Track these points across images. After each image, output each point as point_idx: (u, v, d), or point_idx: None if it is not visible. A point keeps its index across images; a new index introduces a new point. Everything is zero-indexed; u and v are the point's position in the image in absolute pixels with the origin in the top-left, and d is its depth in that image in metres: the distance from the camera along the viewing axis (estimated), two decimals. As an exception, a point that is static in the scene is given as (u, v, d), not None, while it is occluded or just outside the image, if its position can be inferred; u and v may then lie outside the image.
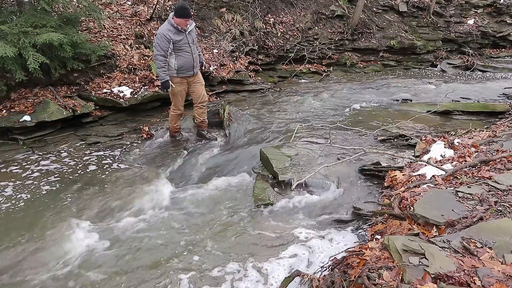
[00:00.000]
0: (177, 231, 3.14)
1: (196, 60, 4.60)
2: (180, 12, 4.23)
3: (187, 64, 4.52)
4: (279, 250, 2.83)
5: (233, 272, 2.63)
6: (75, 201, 3.70)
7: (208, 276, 2.60)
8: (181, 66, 4.49)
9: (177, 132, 5.15)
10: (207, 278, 2.58)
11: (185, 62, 4.49)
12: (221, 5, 8.56)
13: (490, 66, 9.80)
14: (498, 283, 1.61)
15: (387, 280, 1.76)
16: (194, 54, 4.54)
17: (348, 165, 3.85)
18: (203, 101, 4.88)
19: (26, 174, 4.28)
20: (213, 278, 2.57)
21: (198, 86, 4.78)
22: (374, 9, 10.59)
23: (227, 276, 2.59)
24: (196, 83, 4.76)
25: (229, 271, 2.64)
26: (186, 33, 4.38)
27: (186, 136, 5.19)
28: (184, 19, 4.24)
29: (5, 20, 4.91)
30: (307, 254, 2.75)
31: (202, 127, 5.11)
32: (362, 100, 6.99)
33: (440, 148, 3.64)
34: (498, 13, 11.59)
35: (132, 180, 4.14)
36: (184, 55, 4.45)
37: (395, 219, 2.60)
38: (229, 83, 7.10)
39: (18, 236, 3.16)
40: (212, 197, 3.68)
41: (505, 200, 2.36)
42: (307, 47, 9.04)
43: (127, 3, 7.66)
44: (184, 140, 5.12)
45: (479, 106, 5.86)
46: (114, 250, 2.95)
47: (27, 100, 5.26)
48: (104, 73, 6.08)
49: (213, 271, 2.64)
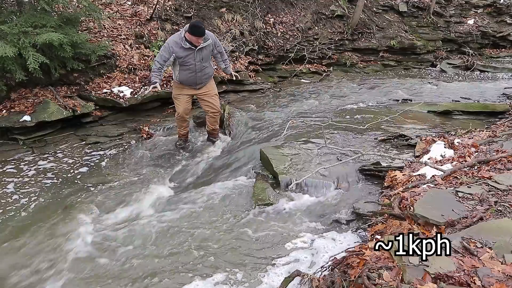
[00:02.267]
0: (176, 232, 3.14)
1: (200, 78, 4.41)
2: (192, 29, 4.07)
3: (189, 81, 4.38)
4: (279, 250, 2.82)
5: (233, 272, 2.63)
6: (74, 201, 3.70)
7: (208, 276, 2.60)
8: (182, 80, 4.37)
9: (182, 137, 4.98)
10: (207, 279, 2.58)
11: (187, 78, 4.36)
12: (221, 5, 8.56)
13: (490, 66, 9.79)
14: (498, 283, 1.61)
15: (387, 280, 1.76)
16: (199, 72, 4.35)
17: (348, 165, 3.85)
18: (214, 111, 4.72)
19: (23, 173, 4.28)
20: (213, 279, 2.57)
21: (206, 98, 4.62)
22: (374, 9, 10.59)
23: (227, 276, 2.59)
24: (204, 95, 4.60)
25: (229, 271, 2.64)
26: (195, 50, 4.18)
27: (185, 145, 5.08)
28: (195, 37, 4.10)
29: (5, 20, 4.90)
30: (307, 254, 2.75)
31: (214, 135, 5.00)
32: (362, 100, 6.99)
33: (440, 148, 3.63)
34: (498, 13, 11.58)
35: (131, 180, 4.14)
36: (187, 71, 4.30)
37: (395, 219, 2.59)
38: (229, 83, 7.10)
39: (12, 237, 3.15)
40: (212, 197, 3.67)
41: (505, 200, 2.36)
42: (307, 47, 9.04)
43: (127, 3, 7.66)
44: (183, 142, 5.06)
45: (479, 106, 5.86)
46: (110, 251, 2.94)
47: (27, 100, 5.26)
48: (104, 73, 6.08)
49: (213, 272, 2.64)
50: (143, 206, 3.62)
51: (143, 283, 2.57)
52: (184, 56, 4.19)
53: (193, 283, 2.54)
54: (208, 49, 4.33)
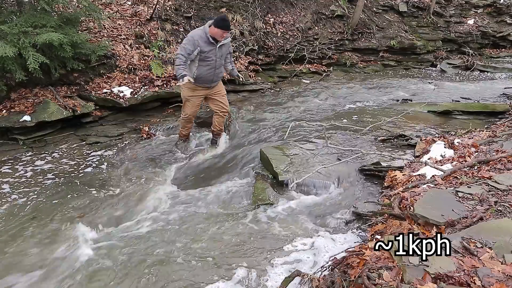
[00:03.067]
0: (176, 232, 3.13)
1: (217, 75, 4.42)
2: (220, 23, 4.05)
3: (206, 77, 4.33)
4: (279, 250, 2.82)
5: (233, 272, 2.63)
6: (73, 201, 3.69)
7: (208, 276, 2.60)
8: (200, 77, 4.29)
9: (183, 137, 4.96)
10: (207, 279, 2.58)
11: (205, 74, 4.29)
12: (221, 5, 8.56)
13: (490, 66, 9.80)
14: (498, 283, 1.61)
15: (387, 280, 1.76)
16: (218, 69, 4.35)
17: (348, 165, 3.85)
18: (225, 110, 4.70)
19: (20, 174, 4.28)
20: (213, 279, 2.57)
21: (218, 98, 4.60)
22: (374, 9, 10.59)
23: (227, 277, 2.59)
24: (216, 94, 4.57)
25: (229, 271, 2.64)
26: (216, 46, 4.18)
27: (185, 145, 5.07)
28: (222, 30, 4.08)
29: (5, 20, 4.90)
30: (307, 254, 2.75)
31: (219, 135, 4.92)
32: (362, 100, 6.99)
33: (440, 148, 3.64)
34: (498, 13, 11.59)
35: (131, 180, 4.14)
36: (206, 67, 4.26)
37: (395, 219, 2.60)
38: (229, 83, 7.10)
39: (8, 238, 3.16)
40: (211, 197, 3.68)
41: (505, 200, 2.36)
42: (307, 47, 9.04)
43: (127, 3, 7.66)
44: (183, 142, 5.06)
45: (479, 106, 5.86)
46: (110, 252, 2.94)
47: (27, 100, 5.26)
48: (104, 73, 6.08)
49: (213, 272, 2.64)
50: (143, 206, 3.62)
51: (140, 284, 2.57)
52: (207, 51, 4.17)
53: (193, 283, 2.54)
54: (226, 47, 4.37)
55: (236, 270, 2.64)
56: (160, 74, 6.26)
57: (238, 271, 2.62)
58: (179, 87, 4.65)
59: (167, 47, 6.96)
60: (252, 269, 2.63)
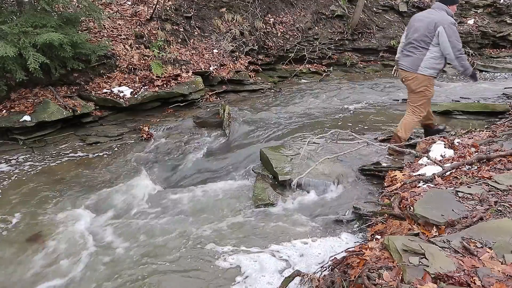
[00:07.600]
0: (176, 232, 3.13)
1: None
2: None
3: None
4: (279, 250, 2.82)
5: (233, 272, 2.63)
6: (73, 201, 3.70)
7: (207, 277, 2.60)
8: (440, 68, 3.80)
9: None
10: (207, 279, 2.58)
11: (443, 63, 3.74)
12: (221, 5, 8.56)
13: (490, 66, 9.78)
14: (498, 283, 1.61)
15: (387, 280, 1.76)
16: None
17: (348, 165, 3.85)
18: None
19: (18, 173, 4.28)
20: (213, 279, 2.57)
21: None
22: (374, 9, 10.58)
23: (227, 277, 2.59)
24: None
25: (228, 271, 2.64)
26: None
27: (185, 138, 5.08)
28: (456, 5, 3.67)
29: (5, 20, 4.91)
30: (307, 254, 2.75)
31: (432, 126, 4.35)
32: (362, 100, 6.98)
33: (440, 148, 3.63)
34: (498, 13, 11.57)
35: (131, 180, 4.13)
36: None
37: (395, 219, 2.60)
38: (229, 83, 7.11)
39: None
40: (211, 197, 3.68)
41: (505, 200, 2.36)
42: (307, 47, 9.04)
43: (127, 3, 7.66)
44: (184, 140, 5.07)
45: (479, 106, 5.86)
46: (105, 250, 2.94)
47: (27, 100, 5.27)
48: (104, 73, 6.08)
49: (212, 272, 2.64)
50: (143, 206, 3.62)
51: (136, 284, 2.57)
52: None
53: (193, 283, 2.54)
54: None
55: (236, 269, 2.64)
56: (160, 74, 6.26)
57: (238, 271, 2.62)
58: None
59: (167, 47, 6.96)
60: (251, 269, 2.63)
